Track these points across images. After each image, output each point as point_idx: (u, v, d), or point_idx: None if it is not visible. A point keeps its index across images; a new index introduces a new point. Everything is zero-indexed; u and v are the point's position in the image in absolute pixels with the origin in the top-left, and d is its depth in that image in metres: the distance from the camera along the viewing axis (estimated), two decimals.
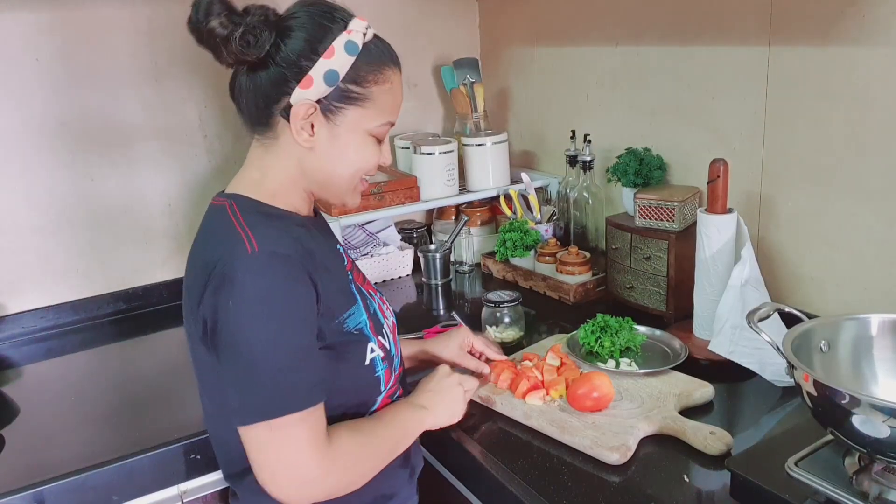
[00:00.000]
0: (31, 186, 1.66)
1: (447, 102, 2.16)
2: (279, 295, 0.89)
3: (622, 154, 1.67)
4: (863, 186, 1.28)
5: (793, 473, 0.92)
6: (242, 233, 0.92)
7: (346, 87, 0.96)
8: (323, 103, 0.95)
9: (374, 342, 1.03)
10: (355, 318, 1.01)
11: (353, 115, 0.97)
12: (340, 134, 0.98)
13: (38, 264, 1.70)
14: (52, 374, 1.56)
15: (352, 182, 1.02)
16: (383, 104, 0.99)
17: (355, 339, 1.01)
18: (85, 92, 1.67)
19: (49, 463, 1.16)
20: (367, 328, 1.03)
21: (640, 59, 1.67)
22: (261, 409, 0.88)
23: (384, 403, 1.07)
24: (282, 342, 0.89)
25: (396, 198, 1.81)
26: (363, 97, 0.97)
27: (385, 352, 1.05)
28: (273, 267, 0.90)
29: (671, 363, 1.28)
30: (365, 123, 0.98)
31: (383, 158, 1.04)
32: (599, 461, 1.06)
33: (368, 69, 0.96)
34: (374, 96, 0.98)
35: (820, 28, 1.28)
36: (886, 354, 0.99)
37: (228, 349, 0.89)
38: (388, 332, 1.09)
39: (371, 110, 0.98)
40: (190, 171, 1.82)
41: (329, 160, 0.99)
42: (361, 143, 0.99)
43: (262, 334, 0.88)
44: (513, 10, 2.04)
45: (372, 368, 1.02)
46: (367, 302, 1.07)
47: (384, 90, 0.99)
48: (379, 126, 1.00)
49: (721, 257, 1.32)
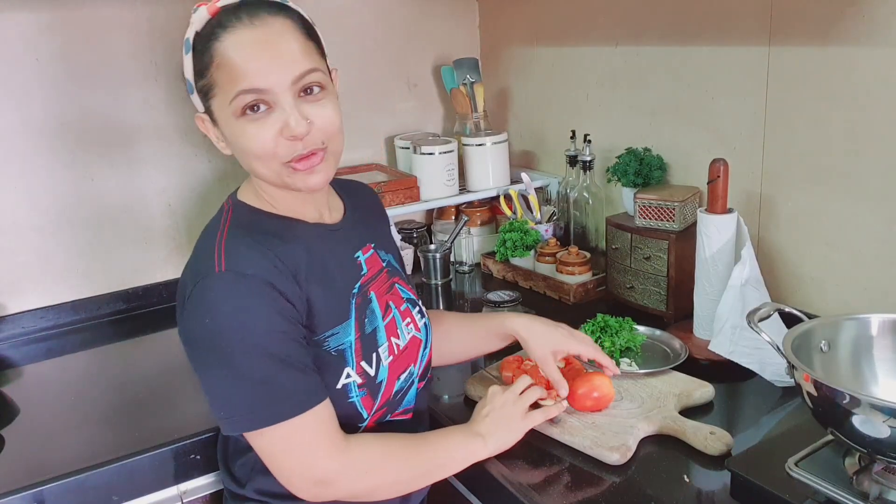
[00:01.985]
0: (31, 186, 1.65)
1: (447, 102, 2.16)
2: (248, 312, 0.88)
3: (622, 154, 1.67)
4: (863, 186, 1.28)
5: (793, 473, 0.92)
6: (217, 250, 0.91)
7: (200, 85, 0.92)
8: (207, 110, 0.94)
9: (352, 367, 0.98)
10: (339, 339, 0.97)
11: (217, 107, 0.92)
12: (224, 128, 0.93)
13: (38, 264, 1.69)
14: (52, 374, 1.56)
15: (271, 169, 0.92)
16: (225, 81, 0.89)
17: (332, 360, 0.97)
18: (85, 92, 1.67)
19: (49, 463, 1.16)
20: (351, 351, 0.98)
21: (640, 59, 1.67)
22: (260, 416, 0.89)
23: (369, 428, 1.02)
24: (257, 355, 0.88)
25: (396, 198, 1.81)
26: (208, 86, 0.91)
27: (366, 379, 0.99)
28: (239, 286, 0.88)
29: (671, 363, 1.28)
30: (224, 109, 0.90)
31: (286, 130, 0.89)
32: (599, 461, 1.06)
33: (201, 57, 0.90)
34: (213, 80, 0.90)
35: (820, 28, 1.28)
36: (886, 354, 0.99)
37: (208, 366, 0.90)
38: (385, 355, 1.02)
39: (219, 95, 0.90)
40: (190, 171, 1.82)
41: (240, 158, 0.95)
42: (238, 129, 0.90)
43: (237, 349, 0.87)
44: (513, 10, 2.04)
45: (344, 393, 0.98)
46: (367, 320, 1.01)
47: (218, 67, 0.88)
48: (233, 102, 0.88)
49: (721, 257, 1.32)
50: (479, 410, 1.06)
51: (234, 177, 1.85)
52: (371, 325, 1.02)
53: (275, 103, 0.89)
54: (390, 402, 1.04)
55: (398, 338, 1.06)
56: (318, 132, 0.92)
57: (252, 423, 0.89)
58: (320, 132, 0.92)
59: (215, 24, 0.88)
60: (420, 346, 1.11)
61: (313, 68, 0.91)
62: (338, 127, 0.94)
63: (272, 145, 0.90)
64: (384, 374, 1.02)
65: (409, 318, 1.10)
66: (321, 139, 0.92)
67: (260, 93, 0.88)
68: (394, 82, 2.08)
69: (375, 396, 1.01)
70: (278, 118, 0.89)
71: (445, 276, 1.85)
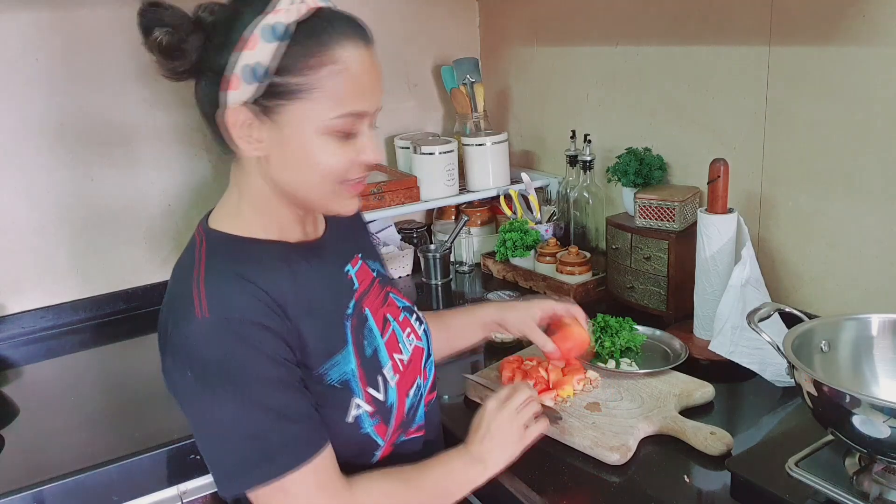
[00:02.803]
0: (31, 186, 1.65)
1: (447, 102, 2.16)
2: (235, 363, 0.81)
3: (622, 154, 1.67)
4: (863, 186, 1.28)
5: (793, 474, 0.92)
6: (196, 291, 0.83)
7: (280, 79, 0.80)
8: (259, 104, 0.82)
9: (361, 397, 0.91)
10: (340, 368, 0.90)
11: (297, 111, 0.82)
12: (289, 136, 0.83)
13: (38, 264, 1.69)
14: (52, 374, 1.56)
15: (326, 188, 0.87)
16: (334, 91, 0.82)
17: (337, 393, 0.90)
18: (85, 92, 1.67)
19: (49, 463, 1.16)
20: (355, 379, 0.91)
21: (640, 59, 1.67)
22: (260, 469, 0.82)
23: (387, 453, 0.96)
24: (249, 409, 0.81)
25: (396, 198, 1.81)
26: (303, 88, 0.81)
27: (376, 406, 0.92)
28: (225, 334, 0.81)
29: (671, 363, 1.28)
30: (314, 119, 0.82)
31: (363, 155, 0.87)
32: (599, 461, 1.06)
33: (305, 52, 0.80)
34: (319, 84, 0.81)
35: (820, 28, 1.28)
36: (886, 354, 0.99)
37: (197, 421, 0.84)
38: (390, 374, 0.96)
39: (319, 102, 0.82)
40: (190, 171, 1.82)
41: (288, 168, 0.85)
42: (318, 143, 0.83)
43: (227, 405, 0.81)
44: (513, 10, 2.04)
45: (356, 426, 0.91)
46: (366, 341, 0.95)
47: (333, 73, 0.81)
48: (335, 119, 0.83)
49: (721, 257, 1.32)
50: (476, 430, 0.99)
51: None
52: (371, 347, 0.95)
53: (358, 129, 0.86)
54: (404, 422, 0.98)
55: (401, 353, 1.00)
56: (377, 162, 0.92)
57: (244, 483, 0.82)
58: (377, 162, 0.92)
59: (330, 27, 0.82)
60: (423, 356, 1.06)
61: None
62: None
63: (345, 167, 0.86)
64: (393, 395, 0.95)
65: (409, 327, 1.05)
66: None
67: (360, 116, 0.85)
68: (394, 82, 2.08)
69: (388, 421, 0.94)
70: (356, 142, 0.86)
71: (445, 276, 1.85)
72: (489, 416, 0.99)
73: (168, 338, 0.84)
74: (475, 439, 0.98)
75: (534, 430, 1.01)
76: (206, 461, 0.85)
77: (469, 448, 0.97)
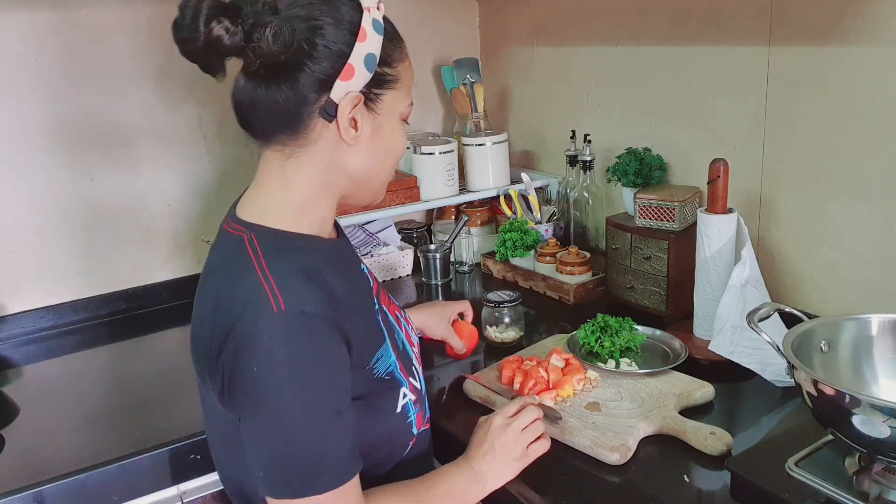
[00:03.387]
0: (31, 186, 1.65)
1: (447, 102, 2.16)
2: (310, 360, 0.80)
3: (622, 154, 1.67)
4: (863, 186, 1.28)
5: (793, 473, 0.92)
6: (266, 285, 0.81)
7: (381, 70, 0.89)
8: (365, 92, 0.88)
9: (406, 385, 0.95)
10: (385, 361, 0.93)
11: (390, 99, 0.91)
12: (382, 123, 0.91)
13: (38, 264, 1.69)
14: (52, 374, 1.56)
15: (390, 175, 0.97)
16: (408, 82, 0.94)
17: (386, 385, 0.93)
18: (85, 92, 1.67)
19: (49, 463, 1.16)
20: (398, 370, 0.95)
21: (640, 59, 1.67)
22: (290, 484, 0.80)
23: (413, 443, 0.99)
24: (314, 411, 0.80)
25: (396, 198, 1.81)
26: (395, 78, 0.91)
27: (417, 394, 0.97)
28: (302, 330, 0.80)
29: (671, 363, 1.28)
30: (399, 106, 0.93)
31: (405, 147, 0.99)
32: (599, 461, 1.06)
33: (393, 47, 0.90)
34: (401, 76, 0.92)
35: (820, 28, 1.28)
36: (886, 354, 0.99)
37: (254, 416, 0.81)
38: (417, 364, 1.01)
39: (401, 91, 0.92)
40: (190, 171, 1.82)
41: (373, 153, 0.92)
42: (399, 128, 0.94)
43: (292, 404, 0.79)
44: (513, 10, 2.04)
45: (404, 415, 0.95)
46: (395, 335, 0.99)
47: (406, 67, 0.93)
48: (408, 107, 0.95)
49: (721, 257, 1.32)
50: (479, 445, 0.99)
51: (234, 177, 1.85)
52: (399, 339, 1.00)
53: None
54: (424, 406, 1.03)
55: (413, 345, 1.05)
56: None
57: (284, 491, 0.80)
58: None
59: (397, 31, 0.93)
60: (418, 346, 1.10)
61: None
62: None
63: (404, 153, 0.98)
64: (423, 382, 1.02)
65: (406, 322, 1.09)
66: None
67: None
68: None
69: (425, 408, 1.01)
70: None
71: (445, 276, 1.85)
72: (494, 433, 0.99)
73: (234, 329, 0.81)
74: (478, 454, 0.98)
75: (536, 449, 1.03)
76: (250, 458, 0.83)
77: (472, 464, 0.98)
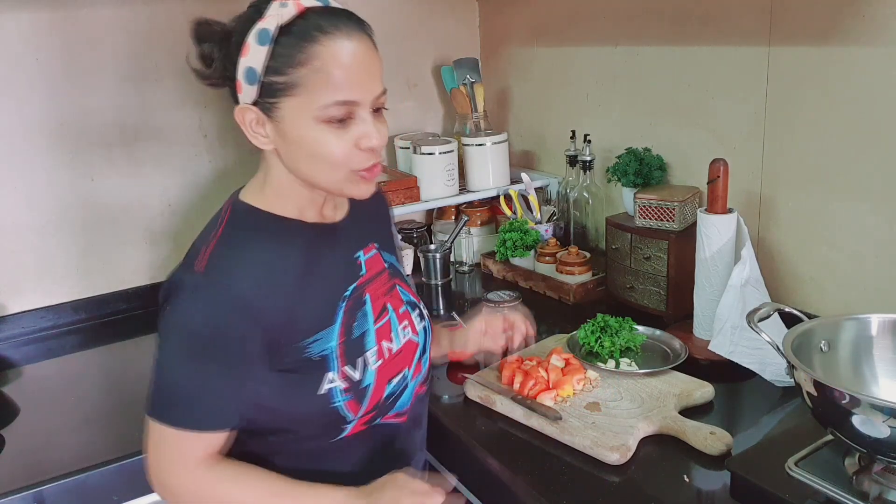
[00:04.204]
0: (31, 186, 1.66)
1: (447, 102, 2.16)
2: (203, 318, 0.90)
3: (622, 154, 1.67)
4: (863, 186, 1.28)
5: (793, 473, 0.92)
6: (204, 246, 0.94)
7: (270, 79, 0.89)
8: (260, 103, 0.91)
9: (336, 372, 0.97)
10: (321, 344, 0.97)
11: (289, 107, 0.90)
12: (288, 130, 0.91)
13: (38, 264, 1.69)
14: (52, 374, 1.56)
15: (338, 176, 0.94)
16: (316, 85, 0.88)
17: (313, 365, 0.96)
18: (85, 92, 1.67)
19: (49, 463, 1.17)
20: (334, 355, 0.97)
21: (640, 59, 1.67)
22: (156, 408, 0.92)
23: (358, 430, 1.00)
24: (190, 359, 0.91)
25: (396, 198, 1.81)
26: (290, 84, 0.89)
27: (349, 383, 0.98)
28: (203, 291, 0.91)
29: (671, 363, 1.28)
30: (306, 112, 0.89)
31: (364, 141, 0.92)
32: (599, 461, 1.06)
33: (287, 53, 0.88)
34: (302, 80, 0.88)
35: (820, 28, 1.28)
36: (886, 354, 0.99)
37: (158, 346, 0.93)
38: (373, 359, 1.01)
39: (306, 97, 0.89)
40: (190, 171, 1.82)
41: (297, 158, 0.94)
42: (315, 134, 0.90)
43: (177, 346, 0.91)
44: (513, 10, 2.04)
45: (327, 398, 0.96)
46: (357, 323, 1.01)
47: (314, 70, 0.88)
48: (325, 108, 0.89)
49: (721, 257, 1.32)
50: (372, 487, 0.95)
51: (234, 176, 1.85)
52: (360, 329, 1.01)
53: (356, 115, 0.92)
54: (380, 405, 1.02)
55: (391, 341, 1.05)
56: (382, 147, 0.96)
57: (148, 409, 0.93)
58: (382, 147, 0.97)
59: (311, 26, 0.88)
60: (416, 350, 1.09)
61: (385, 89, 0.95)
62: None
63: (348, 154, 0.92)
64: (371, 377, 1.00)
65: (408, 320, 1.09)
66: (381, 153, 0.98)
67: (351, 105, 0.91)
68: (394, 82, 2.08)
69: (362, 400, 1.00)
70: (356, 130, 0.92)
71: (445, 276, 1.85)
72: (391, 483, 0.95)
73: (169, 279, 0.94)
74: (363, 490, 0.94)
75: None
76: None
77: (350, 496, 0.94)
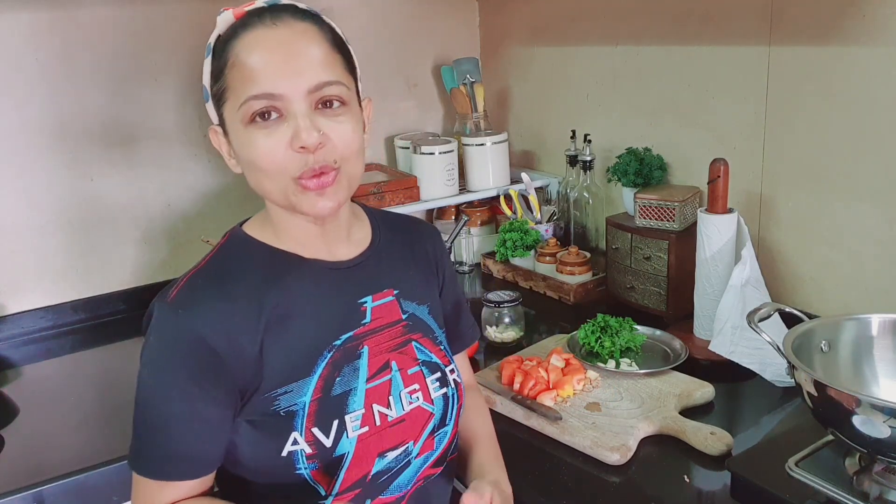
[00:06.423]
0: (31, 186, 1.65)
1: (447, 102, 2.16)
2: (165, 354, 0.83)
3: (622, 154, 1.67)
4: (863, 186, 1.28)
5: (793, 474, 0.92)
6: (184, 276, 0.87)
7: (214, 91, 0.85)
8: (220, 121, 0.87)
9: (301, 433, 0.83)
10: (291, 398, 0.84)
11: (227, 115, 0.84)
12: (232, 142, 0.86)
13: (38, 264, 1.69)
14: (52, 374, 1.56)
15: (280, 186, 0.83)
16: (236, 82, 0.82)
17: (279, 421, 0.83)
18: (85, 92, 1.67)
19: (49, 463, 1.16)
20: (302, 413, 0.84)
21: (640, 59, 1.67)
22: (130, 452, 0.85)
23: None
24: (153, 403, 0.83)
25: (396, 198, 1.81)
26: (222, 90, 0.83)
27: (317, 448, 0.83)
28: (170, 323, 0.83)
29: (671, 363, 1.28)
30: (236, 115, 0.82)
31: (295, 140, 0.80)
32: (599, 461, 1.06)
33: (218, 60, 0.83)
34: (227, 83, 0.83)
35: (820, 28, 1.28)
36: (886, 354, 0.99)
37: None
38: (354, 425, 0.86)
39: (230, 99, 0.83)
40: (190, 171, 1.82)
41: (246, 173, 0.86)
42: (244, 138, 0.82)
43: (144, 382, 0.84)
44: (513, 9, 2.04)
45: (290, 462, 0.83)
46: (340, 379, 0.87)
47: (232, 69, 0.82)
48: (240, 109, 0.81)
49: (721, 257, 1.32)
50: None
51: (233, 177, 1.84)
52: (344, 386, 0.87)
53: (287, 112, 0.81)
54: (365, 483, 0.86)
55: (387, 406, 0.89)
56: (332, 149, 0.82)
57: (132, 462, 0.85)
58: (334, 150, 0.83)
59: (238, 26, 0.82)
60: (427, 421, 0.92)
61: (335, 81, 0.83)
62: (355, 149, 0.85)
63: (281, 157, 0.81)
64: (348, 447, 0.85)
65: (419, 384, 0.92)
66: (334, 157, 0.83)
67: (272, 99, 0.80)
68: (394, 82, 2.08)
69: (334, 473, 0.84)
70: (290, 128, 0.81)
71: None
72: None
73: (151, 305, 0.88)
74: None
75: None
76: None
77: None
